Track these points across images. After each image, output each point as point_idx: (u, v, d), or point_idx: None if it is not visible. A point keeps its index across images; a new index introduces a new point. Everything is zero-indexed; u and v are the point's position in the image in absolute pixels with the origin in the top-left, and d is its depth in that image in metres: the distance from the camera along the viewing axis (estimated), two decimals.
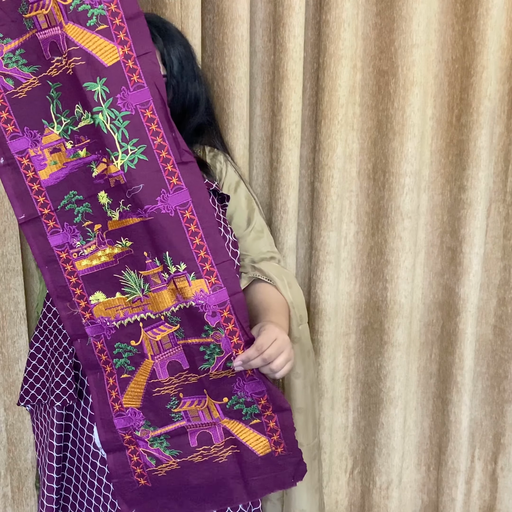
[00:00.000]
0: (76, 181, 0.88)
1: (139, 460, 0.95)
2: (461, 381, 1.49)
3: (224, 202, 1.12)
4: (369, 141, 1.42)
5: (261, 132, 1.40)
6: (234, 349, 0.90)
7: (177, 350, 0.91)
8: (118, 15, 0.83)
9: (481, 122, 1.37)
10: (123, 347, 0.92)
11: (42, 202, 0.89)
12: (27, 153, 0.87)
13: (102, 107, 0.84)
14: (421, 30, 1.31)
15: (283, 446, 0.95)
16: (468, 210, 1.42)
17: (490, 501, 1.64)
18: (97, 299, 0.91)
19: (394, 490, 1.55)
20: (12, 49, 0.84)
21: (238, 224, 1.14)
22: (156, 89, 0.85)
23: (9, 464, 1.39)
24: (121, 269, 0.90)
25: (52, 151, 0.87)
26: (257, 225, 1.16)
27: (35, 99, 0.86)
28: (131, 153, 0.85)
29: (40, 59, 0.85)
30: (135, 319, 0.91)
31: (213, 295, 0.88)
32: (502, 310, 1.53)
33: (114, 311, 0.91)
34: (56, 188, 0.88)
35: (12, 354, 1.34)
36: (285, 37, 1.28)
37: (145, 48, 0.85)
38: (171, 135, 0.86)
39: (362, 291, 1.49)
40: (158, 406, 0.93)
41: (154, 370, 0.92)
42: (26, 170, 0.88)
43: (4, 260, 1.27)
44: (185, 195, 0.86)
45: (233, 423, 0.94)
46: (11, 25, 0.84)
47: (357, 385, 1.55)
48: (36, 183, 0.88)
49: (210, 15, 1.31)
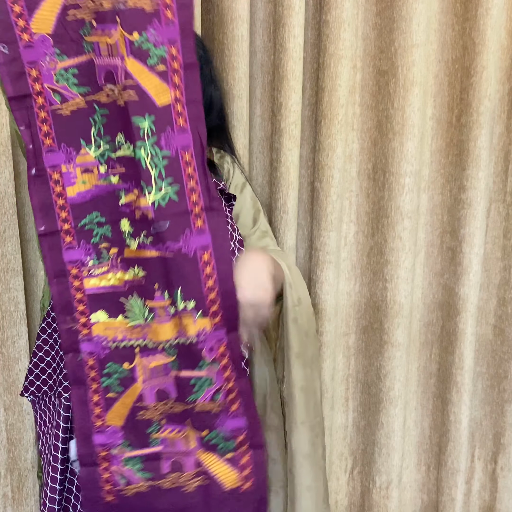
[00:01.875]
0: (102, 204, 0.90)
1: (109, 477, 0.96)
2: (461, 381, 1.49)
3: (231, 201, 1.15)
4: (369, 141, 1.42)
5: (261, 132, 1.40)
6: (226, 381, 0.93)
7: (168, 379, 0.93)
8: (177, 60, 0.87)
9: (481, 122, 1.37)
10: (114, 368, 0.93)
11: (64, 218, 0.91)
12: (59, 168, 0.89)
13: (145, 143, 0.87)
14: (421, 30, 1.31)
15: (252, 481, 0.97)
16: (468, 210, 1.42)
17: (490, 501, 1.64)
18: (98, 318, 0.92)
19: (394, 490, 1.55)
20: (66, 66, 0.87)
21: (244, 223, 1.16)
22: (198, 136, 0.89)
23: (9, 464, 1.39)
24: (128, 295, 0.91)
25: (84, 171, 0.90)
26: (262, 226, 1.18)
27: (78, 119, 0.88)
28: (164, 191, 0.88)
29: (92, 82, 0.88)
30: (132, 344, 0.92)
31: (214, 333, 0.91)
32: (502, 310, 1.53)
33: (113, 332, 0.92)
34: (80, 207, 0.90)
35: (12, 354, 1.34)
36: (285, 37, 1.28)
37: (194, 96, 0.88)
38: (204, 181, 0.89)
39: (362, 291, 1.49)
40: (139, 429, 0.95)
41: (142, 395, 0.93)
42: (55, 184, 0.90)
43: (4, 260, 1.27)
44: (207, 239, 0.89)
45: (207, 455, 0.96)
46: (70, 44, 0.87)
47: (357, 385, 1.55)
48: (62, 198, 0.90)
49: (210, 15, 1.31)
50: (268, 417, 1.17)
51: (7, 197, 1.26)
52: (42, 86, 0.87)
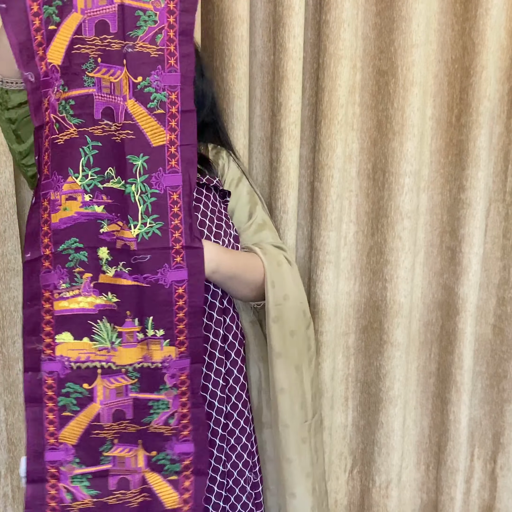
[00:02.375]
0: (82, 230, 0.92)
1: (56, 494, 0.97)
2: (461, 380, 1.49)
3: (225, 197, 1.14)
4: (369, 141, 1.42)
5: (261, 132, 1.40)
6: (181, 406, 0.97)
7: (127, 401, 0.96)
8: (175, 105, 0.91)
9: (480, 122, 1.37)
10: (73, 388, 0.94)
11: (46, 243, 0.92)
12: (48, 196, 0.91)
13: (137, 180, 0.91)
14: (421, 30, 1.31)
15: (190, 505, 1.00)
16: (468, 210, 1.43)
17: (489, 500, 1.64)
18: (63, 339, 0.93)
19: (393, 489, 1.55)
20: (66, 98, 0.89)
21: (239, 218, 1.16)
22: (188, 177, 0.93)
23: (9, 464, 1.40)
24: (98, 319, 0.93)
25: (68, 198, 0.91)
26: (258, 219, 1.17)
27: (69, 147, 0.90)
28: (148, 226, 0.92)
29: (87, 115, 0.90)
30: (95, 366, 0.94)
31: (179, 361, 0.95)
32: (501, 310, 1.54)
33: (77, 353, 0.94)
34: (60, 232, 0.92)
35: (12, 354, 1.34)
36: (285, 37, 1.28)
37: (189, 140, 0.92)
38: (189, 220, 0.93)
39: (362, 290, 1.49)
40: (91, 447, 0.96)
41: (99, 414, 0.95)
42: (43, 211, 0.92)
43: (4, 260, 1.28)
44: (183, 274, 0.93)
45: (152, 474, 0.99)
46: (72, 76, 0.89)
47: (357, 385, 1.55)
48: (47, 225, 0.92)
49: (210, 15, 1.31)
50: (263, 415, 1.17)
51: (7, 197, 1.26)
52: (49, 116, 0.90)
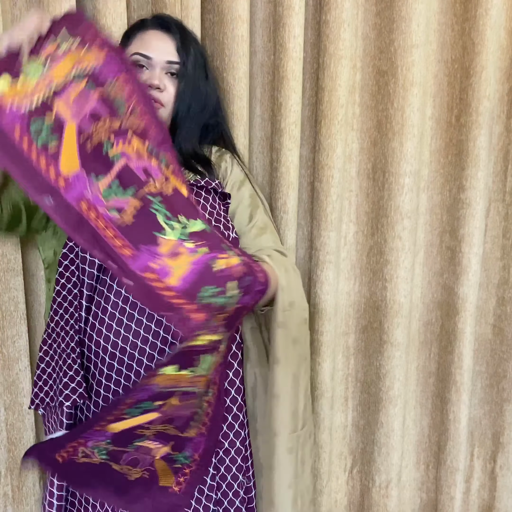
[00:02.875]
0: (206, 275, 0.90)
1: (72, 451, 0.98)
2: (460, 380, 1.49)
3: (226, 199, 1.15)
4: (369, 141, 1.43)
5: (261, 132, 1.40)
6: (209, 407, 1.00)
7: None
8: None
9: (480, 122, 1.37)
10: (146, 405, 0.97)
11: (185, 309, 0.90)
12: (150, 268, 0.88)
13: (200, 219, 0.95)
14: (421, 30, 1.31)
15: (179, 488, 1.01)
16: (467, 210, 1.43)
17: (489, 499, 1.64)
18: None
19: (393, 489, 1.55)
20: (108, 183, 0.89)
21: (240, 221, 1.16)
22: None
23: (9, 464, 1.39)
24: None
25: (172, 255, 0.89)
26: (259, 222, 1.17)
27: (141, 218, 0.90)
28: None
29: (136, 181, 0.90)
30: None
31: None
32: (501, 310, 1.54)
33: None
34: (193, 286, 0.90)
35: (12, 354, 1.34)
36: (285, 37, 1.28)
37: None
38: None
39: (362, 290, 1.49)
40: (128, 439, 0.99)
41: (154, 420, 0.99)
42: (154, 281, 0.89)
43: (4, 260, 1.27)
44: None
45: (161, 462, 1.01)
46: (99, 165, 0.89)
47: (357, 385, 1.55)
48: (171, 291, 0.89)
49: (210, 15, 1.31)
50: (257, 423, 1.15)
51: None
52: (96, 211, 0.88)
